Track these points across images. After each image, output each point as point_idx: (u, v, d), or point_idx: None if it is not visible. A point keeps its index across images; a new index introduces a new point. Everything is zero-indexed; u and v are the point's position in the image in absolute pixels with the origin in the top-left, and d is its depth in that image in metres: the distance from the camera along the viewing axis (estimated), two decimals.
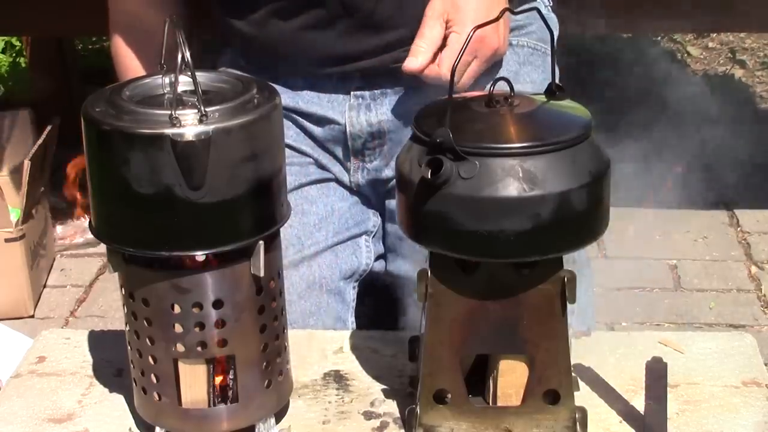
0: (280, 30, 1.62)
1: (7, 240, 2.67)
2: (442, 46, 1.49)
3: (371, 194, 1.71)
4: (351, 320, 1.65)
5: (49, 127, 2.82)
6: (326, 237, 1.64)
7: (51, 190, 3.12)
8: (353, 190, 1.71)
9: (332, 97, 1.66)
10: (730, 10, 3.04)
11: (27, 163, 2.67)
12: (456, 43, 1.47)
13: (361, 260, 1.68)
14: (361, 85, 1.65)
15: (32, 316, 2.76)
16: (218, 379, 1.20)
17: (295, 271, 1.60)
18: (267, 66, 1.68)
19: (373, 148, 1.67)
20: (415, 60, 1.48)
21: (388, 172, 1.67)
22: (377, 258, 1.71)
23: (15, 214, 2.69)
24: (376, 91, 1.65)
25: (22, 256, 2.71)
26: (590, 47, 4.25)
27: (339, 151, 1.69)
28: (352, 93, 1.65)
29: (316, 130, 1.68)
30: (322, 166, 1.69)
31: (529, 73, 1.67)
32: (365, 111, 1.65)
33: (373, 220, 1.71)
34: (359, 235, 1.69)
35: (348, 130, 1.66)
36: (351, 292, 1.67)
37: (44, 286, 2.89)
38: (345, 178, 1.70)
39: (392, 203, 1.68)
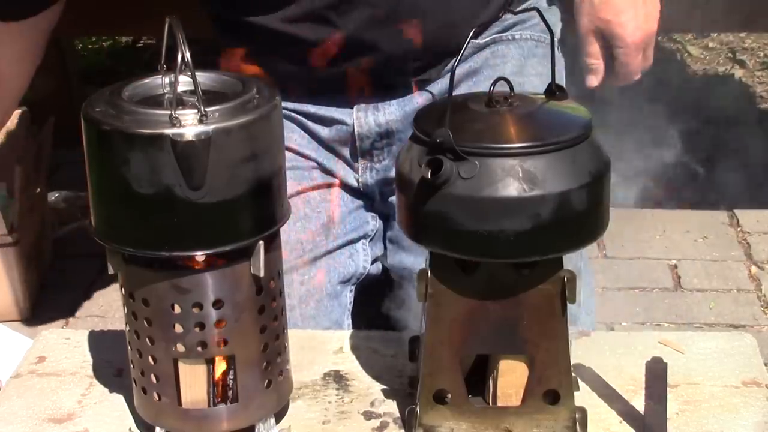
0: (290, 53, 1.62)
1: (0, 245, 2.66)
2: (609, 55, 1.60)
3: (377, 194, 1.72)
4: (348, 323, 1.66)
5: (44, 128, 2.81)
6: (326, 242, 1.65)
7: (50, 190, 3.13)
8: (358, 191, 1.71)
9: (339, 101, 1.67)
10: (731, 9, 3.04)
11: (21, 165, 2.66)
12: (624, 56, 1.57)
13: (359, 264, 1.69)
14: (366, 92, 1.66)
15: (27, 320, 2.75)
16: (218, 379, 1.20)
17: (295, 275, 1.60)
18: (271, 73, 1.69)
19: (381, 148, 1.68)
20: (595, 78, 1.61)
21: None
22: (374, 261, 1.71)
23: (9, 216, 2.68)
24: (383, 100, 1.66)
25: (16, 260, 2.70)
26: None
27: (346, 152, 1.70)
28: (357, 101, 1.66)
29: (323, 132, 1.68)
30: (325, 170, 1.70)
31: (535, 66, 1.67)
32: (373, 111, 1.66)
33: (372, 224, 1.72)
34: (357, 240, 1.69)
35: (356, 130, 1.66)
36: (348, 296, 1.68)
37: (40, 289, 2.88)
38: (351, 179, 1.70)
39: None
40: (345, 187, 1.71)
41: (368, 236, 1.71)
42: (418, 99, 1.65)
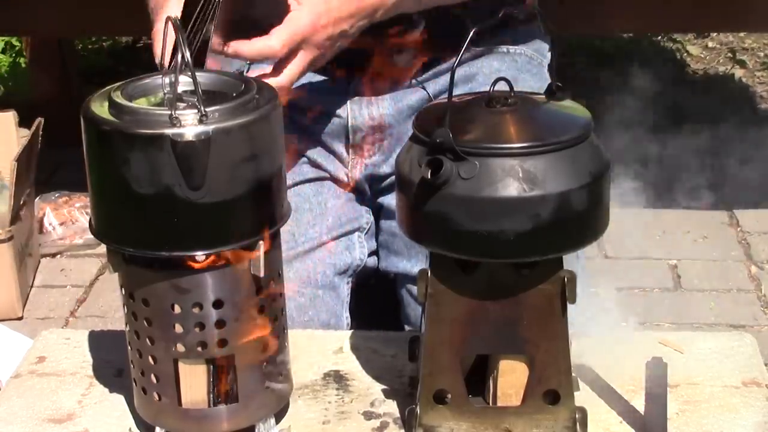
0: None
1: None
2: None
3: (367, 190, 1.72)
4: (345, 315, 1.66)
5: (33, 128, 2.82)
6: (320, 234, 1.65)
7: (49, 190, 3.13)
8: (348, 186, 1.72)
9: (333, 94, 1.67)
10: (730, 9, 3.04)
11: (13, 164, 2.66)
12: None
13: (355, 256, 1.69)
14: (360, 83, 1.66)
15: (20, 318, 2.75)
16: (218, 380, 1.20)
17: (289, 267, 1.60)
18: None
19: (372, 143, 1.68)
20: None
21: (386, 169, 1.68)
22: (370, 254, 1.72)
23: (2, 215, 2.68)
24: (376, 88, 1.66)
25: (10, 257, 2.70)
26: (590, 47, 4.26)
27: (338, 146, 1.70)
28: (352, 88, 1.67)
29: (316, 126, 1.69)
30: (316, 165, 1.70)
31: (527, 80, 1.68)
32: (367, 105, 1.67)
33: (366, 217, 1.72)
34: (352, 232, 1.70)
35: (350, 123, 1.67)
36: (345, 288, 1.68)
37: (31, 287, 2.89)
38: (342, 174, 1.71)
39: (387, 200, 1.69)
40: (336, 181, 1.71)
41: (363, 229, 1.71)
42: (412, 96, 1.66)
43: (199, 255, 1.14)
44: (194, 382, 1.19)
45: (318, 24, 1.40)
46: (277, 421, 1.25)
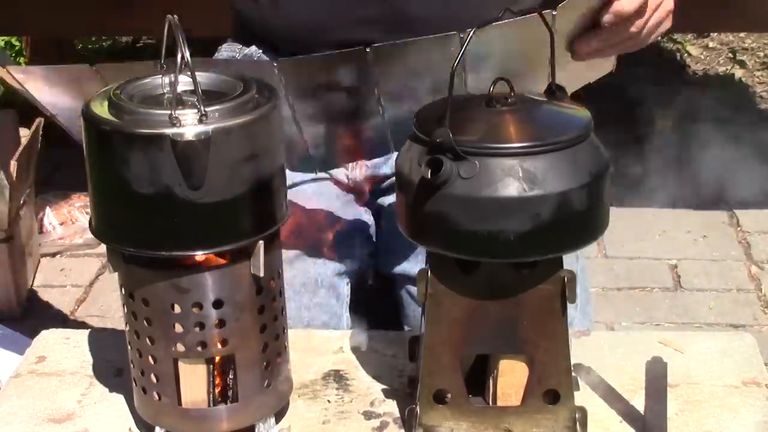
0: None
1: None
2: None
3: (367, 191, 1.72)
4: (345, 315, 1.66)
5: (33, 128, 2.81)
6: (320, 234, 1.65)
7: (48, 189, 3.13)
8: (349, 187, 1.72)
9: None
10: (730, 9, 3.04)
11: (13, 164, 2.66)
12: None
13: (355, 257, 1.69)
14: None
15: (20, 318, 2.75)
16: (218, 380, 1.20)
17: (290, 267, 1.60)
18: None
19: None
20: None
21: (386, 170, 1.68)
22: (370, 255, 1.72)
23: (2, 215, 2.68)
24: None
25: (9, 257, 2.70)
26: None
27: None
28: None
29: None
30: None
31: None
32: None
33: (366, 217, 1.72)
34: (352, 232, 1.70)
35: None
36: (345, 288, 1.68)
37: (31, 287, 2.89)
38: (342, 175, 1.71)
39: (386, 201, 1.69)
40: (336, 182, 1.71)
41: (363, 229, 1.71)
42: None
43: (199, 255, 1.14)
44: (194, 382, 1.19)
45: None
46: (277, 421, 1.25)
